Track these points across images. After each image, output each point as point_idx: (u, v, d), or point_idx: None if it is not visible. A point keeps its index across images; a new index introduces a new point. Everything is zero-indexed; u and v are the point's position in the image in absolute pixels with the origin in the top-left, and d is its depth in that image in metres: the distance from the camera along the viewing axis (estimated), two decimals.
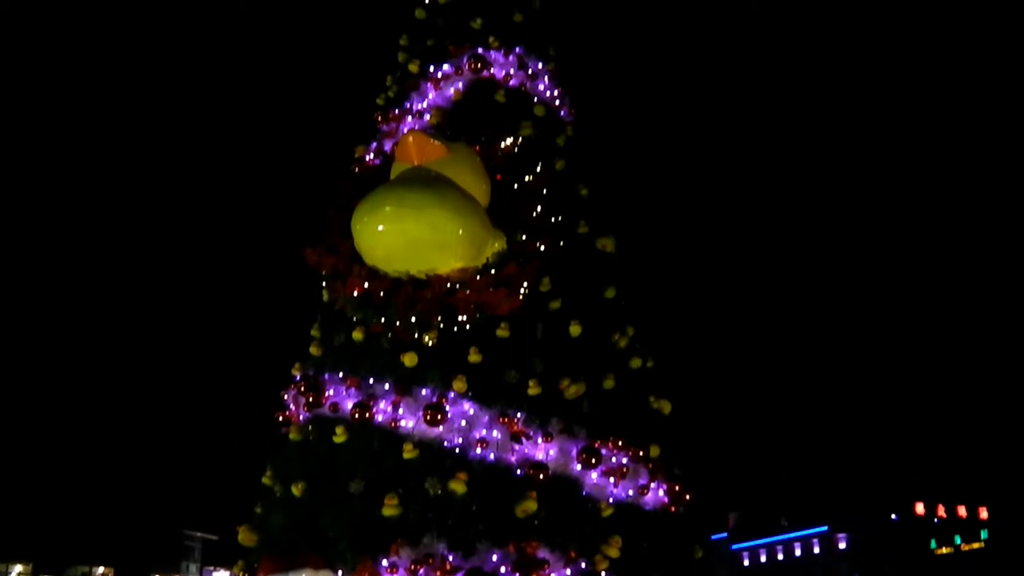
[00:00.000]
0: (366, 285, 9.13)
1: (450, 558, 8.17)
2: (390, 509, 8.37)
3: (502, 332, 8.94)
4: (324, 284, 9.72)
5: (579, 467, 8.63)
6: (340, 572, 8.38)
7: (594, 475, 8.70)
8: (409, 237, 8.83)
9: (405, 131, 9.77)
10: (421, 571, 8.12)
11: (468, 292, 8.89)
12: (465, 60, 10.29)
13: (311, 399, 9.15)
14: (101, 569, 56.96)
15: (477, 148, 9.64)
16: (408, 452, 8.57)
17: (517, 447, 8.54)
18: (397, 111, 10.42)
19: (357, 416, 8.82)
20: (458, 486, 8.38)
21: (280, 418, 9.61)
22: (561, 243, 9.47)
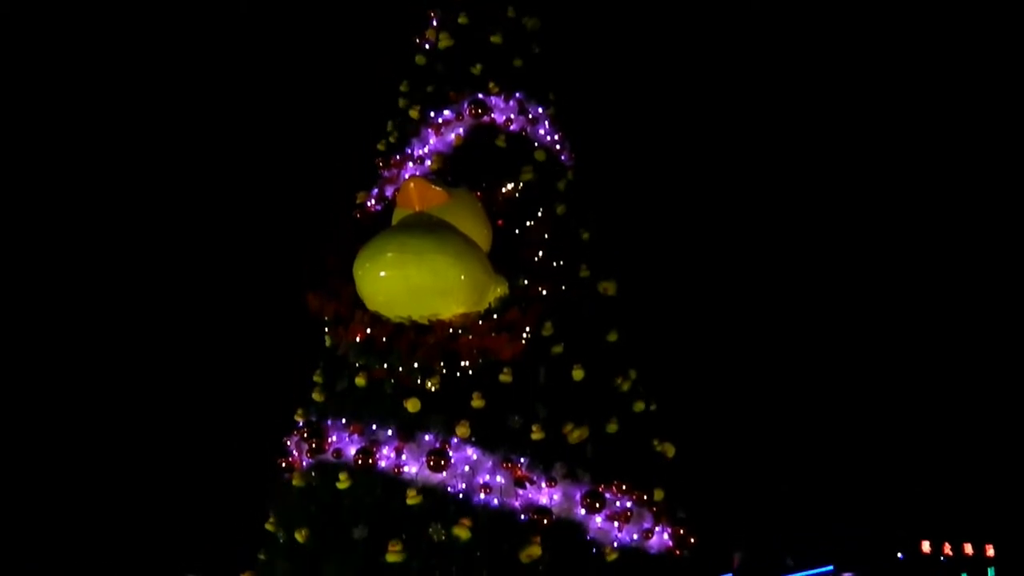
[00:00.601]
0: (368, 331, 9.12)
1: None
2: (394, 555, 8.35)
3: (505, 377, 8.93)
4: (326, 330, 9.73)
5: (583, 512, 8.61)
6: None
7: (598, 519, 8.67)
8: (411, 283, 8.83)
9: (406, 177, 9.81)
10: None
11: (470, 337, 8.89)
12: (466, 105, 10.33)
13: (314, 445, 9.14)
14: None
15: (478, 193, 9.66)
16: (411, 498, 8.55)
17: (521, 492, 8.52)
18: (398, 157, 10.46)
19: (360, 462, 8.80)
20: (462, 532, 8.35)
21: (283, 464, 9.60)
22: (563, 287, 9.48)
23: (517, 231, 9.62)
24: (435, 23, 11.07)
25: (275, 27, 15.77)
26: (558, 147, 10.51)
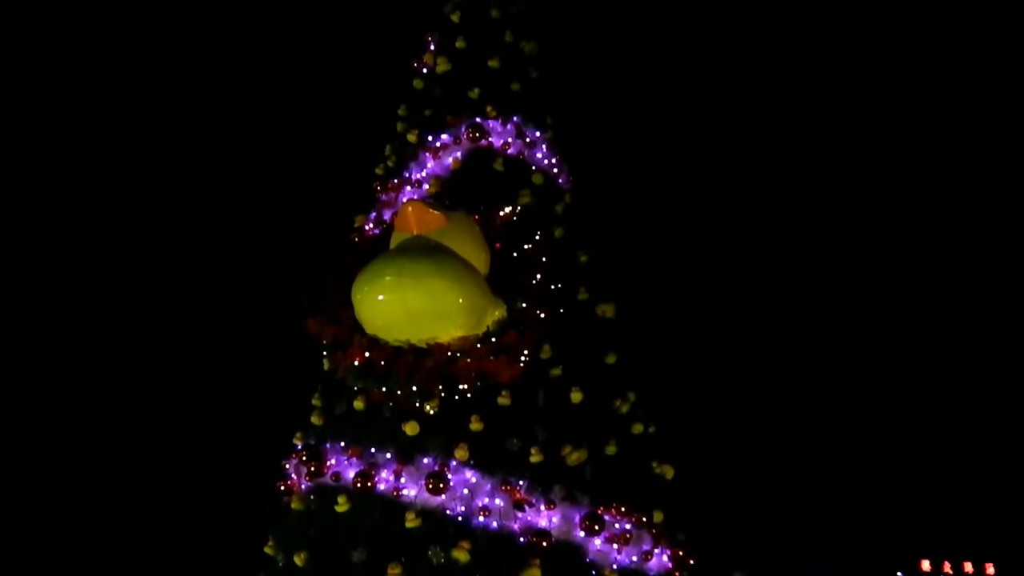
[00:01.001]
0: (367, 354, 9.14)
1: None
2: None
3: (503, 400, 8.96)
4: (325, 354, 9.76)
5: (582, 534, 8.62)
6: None
7: (597, 542, 8.67)
8: (409, 307, 8.85)
9: (404, 201, 9.85)
10: None
11: (469, 361, 8.91)
12: (463, 129, 10.38)
13: (313, 468, 9.17)
14: None
15: (476, 217, 9.70)
16: (410, 521, 8.57)
17: (520, 515, 8.53)
18: (396, 180, 10.51)
19: (359, 485, 8.82)
20: (461, 555, 8.36)
21: (281, 487, 9.62)
22: (561, 310, 9.51)
23: (515, 254, 9.65)
24: (433, 47, 11.13)
25: (274, 49, 15.81)
26: (556, 170, 10.57)
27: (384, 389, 9.11)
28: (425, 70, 11.05)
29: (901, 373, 15.01)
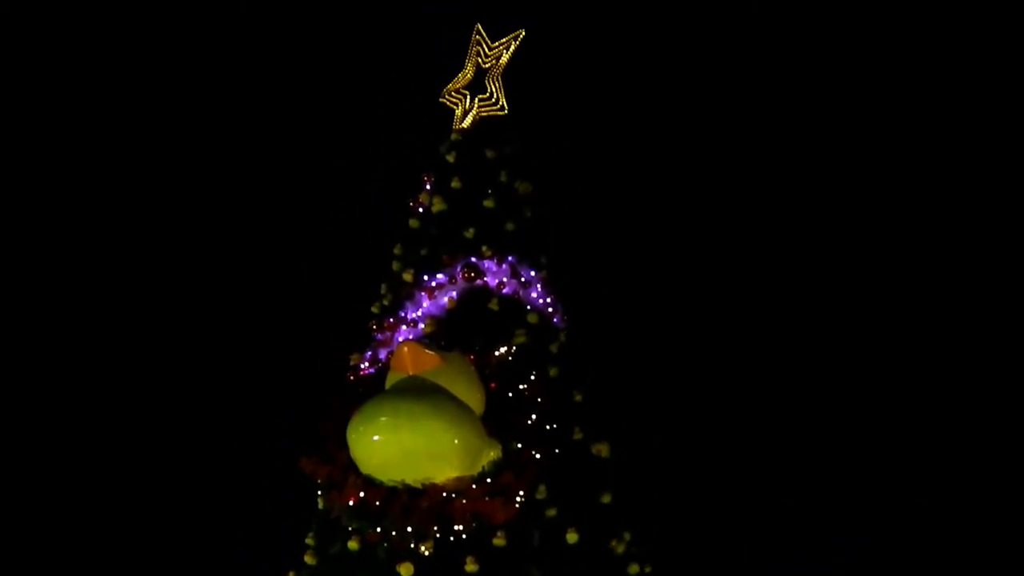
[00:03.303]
0: (361, 495, 9.13)
1: None
2: None
3: (499, 541, 8.93)
4: (319, 493, 9.74)
5: None
6: None
7: None
8: (405, 447, 8.86)
9: (400, 340, 9.94)
10: None
11: (464, 501, 8.90)
12: (458, 269, 10.50)
13: None
14: None
15: (471, 357, 9.76)
16: None
17: None
18: (391, 319, 10.59)
19: None
20: None
21: None
22: (556, 450, 9.53)
23: (510, 394, 9.70)
24: (428, 187, 11.30)
25: (270, 179, 16.02)
26: (550, 310, 10.66)
27: (379, 529, 9.08)
28: (421, 209, 11.21)
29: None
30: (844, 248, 15.19)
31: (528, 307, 10.46)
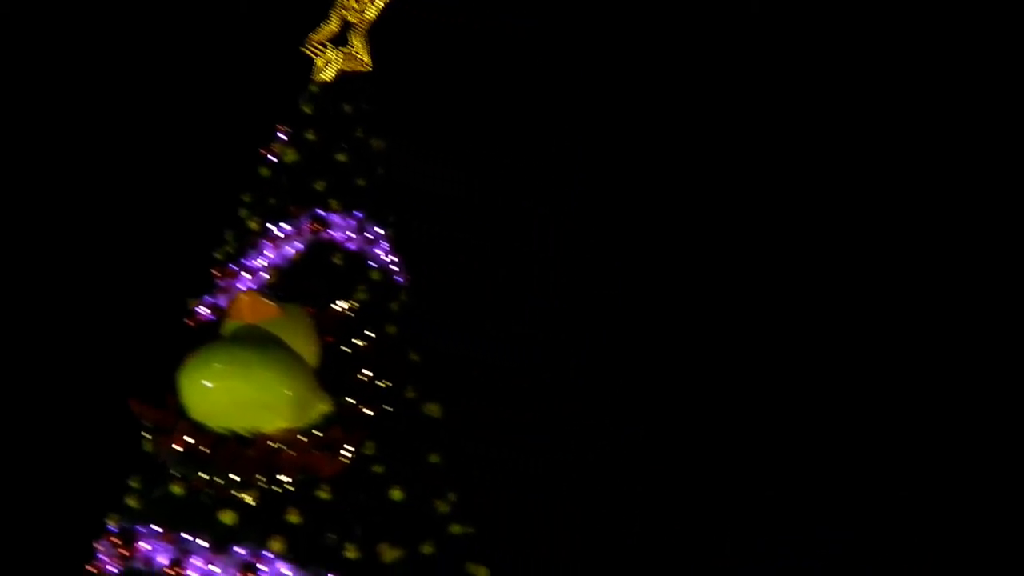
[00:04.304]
0: (189, 440, 9.07)
1: None
2: None
3: (323, 494, 8.96)
4: (147, 436, 9.63)
5: None
6: None
7: None
8: (235, 395, 8.84)
9: (240, 289, 9.88)
10: None
11: (292, 453, 8.90)
12: (305, 221, 10.45)
13: (124, 552, 9.01)
14: None
15: (311, 310, 9.74)
16: None
17: None
18: (234, 267, 10.51)
19: (170, 572, 8.71)
20: None
21: (91, 570, 9.41)
22: (388, 408, 9.59)
23: (347, 349, 9.72)
24: (282, 136, 11.21)
25: (123, 120, 15.67)
26: (394, 268, 10.68)
27: (204, 476, 9.03)
28: (273, 158, 11.11)
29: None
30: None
31: (372, 264, 10.47)
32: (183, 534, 8.89)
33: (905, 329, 15.28)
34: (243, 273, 10.39)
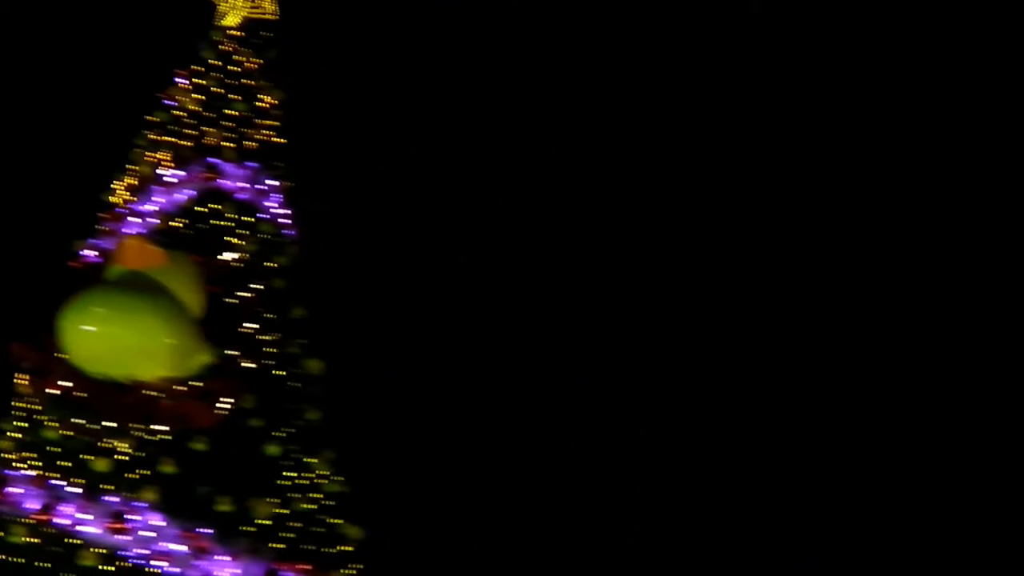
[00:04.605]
0: (66, 384, 8.94)
1: None
2: None
3: (199, 445, 8.90)
4: (23, 377, 9.47)
5: None
6: None
7: None
8: (115, 341, 8.73)
9: (127, 234, 9.74)
10: None
11: (169, 402, 8.82)
12: (198, 168, 10.32)
13: None
14: None
15: (198, 259, 9.63)
16: (87, 559, 8.39)
17: (199, 564, 8.47)
18: (123, 211, 10.35)
19: (38, 517, 8.61)
20: None
21: None
22: (270, 362, 9.54)
23: (232, 300, 9.64)
24: (181, 82, 11.04)
25: (16, 58, 15.30)
26: (285, 221, 10.59)
27: (79, 421, 8.91)
28: (169, 104, 10.94)
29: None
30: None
31: (263, 215, 10.37)
32: (55, 480, 8.81)
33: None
34: (131, 218, 10.24)
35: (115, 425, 8.84)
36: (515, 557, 9.12)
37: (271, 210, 10.48)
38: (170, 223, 10.13)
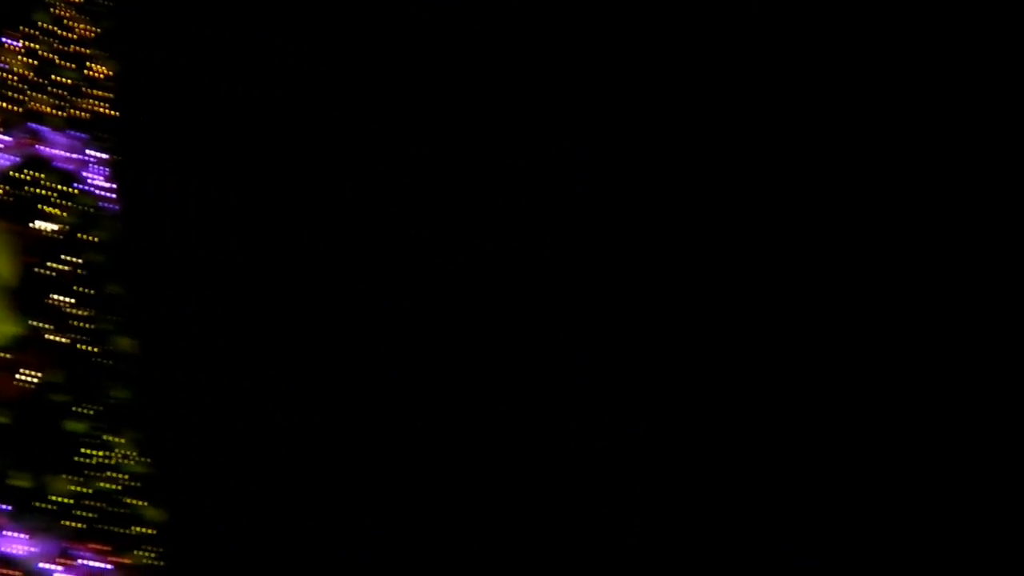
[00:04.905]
0: None
1: None
2: None
3: (1, 418, 8.68)
4: None
5: (52, 567, 8.45)
6: None
7: None
8: None
9: None
10: None
11: None
12: (21, 134, 10.06)
13: None
14: None
15: (16, 227, 9.41)
16: None
17: None
18: None
19: None
20: None
21: None
22: (83, 338, 9.35)
23: (48, 272, 9.43)
24: (8, 43, 10.73)
25: None
26: (110, 196, 10.39)
27: None
28: None
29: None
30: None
31: (85, 187, 10.16)
32: None
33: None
34: None
35: None
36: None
37: (92, 182, 10.26)
38: None
